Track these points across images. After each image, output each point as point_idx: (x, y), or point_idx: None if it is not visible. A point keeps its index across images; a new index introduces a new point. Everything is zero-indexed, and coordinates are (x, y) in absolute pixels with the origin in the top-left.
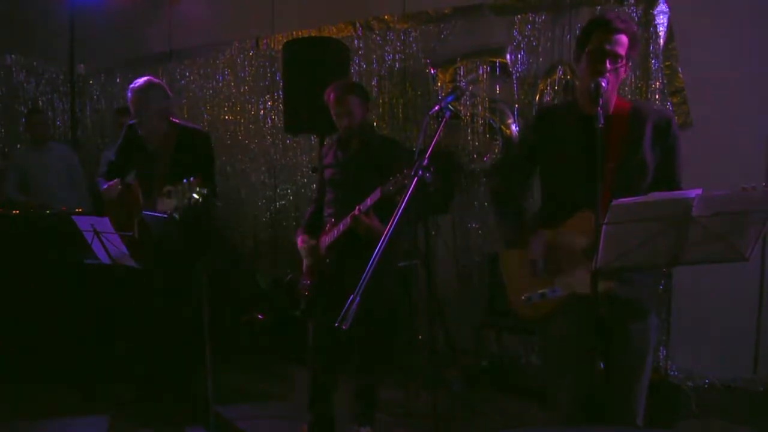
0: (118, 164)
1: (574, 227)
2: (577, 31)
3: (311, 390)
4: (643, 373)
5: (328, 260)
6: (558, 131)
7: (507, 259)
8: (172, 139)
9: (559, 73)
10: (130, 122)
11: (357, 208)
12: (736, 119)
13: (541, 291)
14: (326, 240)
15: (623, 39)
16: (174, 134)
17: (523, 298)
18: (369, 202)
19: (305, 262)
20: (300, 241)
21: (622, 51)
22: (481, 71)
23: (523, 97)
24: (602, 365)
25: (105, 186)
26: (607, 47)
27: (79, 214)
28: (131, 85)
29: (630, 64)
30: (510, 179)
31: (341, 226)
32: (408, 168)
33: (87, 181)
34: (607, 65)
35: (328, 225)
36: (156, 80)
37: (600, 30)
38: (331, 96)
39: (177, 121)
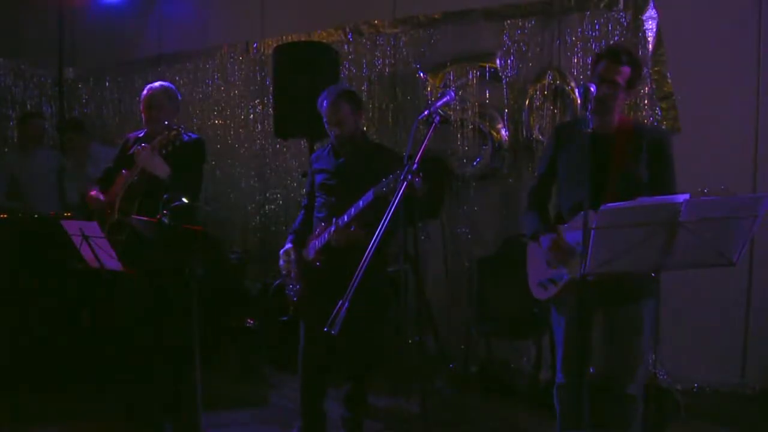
0: (111, 172)
1: (578, 224)
2: (567, 37)
3: (303, 395)
4: (634, 349)
5: (318, 264)
6: (571, 143)
7: (530, 250)
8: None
9: (549, 78)
10: (131, 134)
11: (338, 220)
12: (725, 125)
13: (550, 276)
14: (316, 244)
15: (626, 70)
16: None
17: (537, 282)
18: (360, 204)
19: (294, 268)
20: (283, 251)
21: (620, 80)
22: (470, 76)
23: (512, 102)
24: (592, 370)
25: (93, 192)
26: (610, 76)
27: (67, 218)
28: (151, 84)
29: (633, 90)
30: (540, 197)
31: (332, 230)
32: (401, 170)
33: (78, 185)
34: (605, 90)
35: (318, 229)
36: (175, 89)
37: (607, 60)
38: (324, 103)
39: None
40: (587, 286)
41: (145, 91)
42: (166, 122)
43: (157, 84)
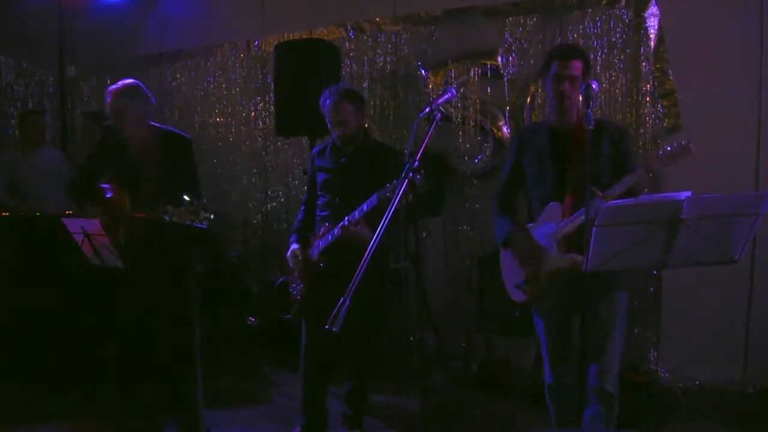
0: (92, 168)
1: (545, 218)
2: (568, 34)
3: (304, 392)
4: (609, 344)
5: (322, 264)
6: (533, 144)
7: (502, 257)
8: (155, 144)
9: None
10: (109, 123)
11: (346, 219)
12: (727, 122)
13: (525, 278)
14: (321, 244)
15: (578, 64)
16: (156, 139)
17: (515, 285)
18: (365, 207)
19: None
20: (290, 252)
21: (577, 73)
22: (472, 73)
23: (514, 99)
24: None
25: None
26: (566, 72)
27: (68, 216)
28: (110, 88)
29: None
30: (508, 201)
31: (336, 231)
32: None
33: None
34: (566, 86)
35: (322, 229)
36: (137, 84)
37: (559, 58)
38: (327, 103)
39: (157, 125)
40: (563, 280)
41: (107, 98)
42: (151, 122)
43: (113, 87)
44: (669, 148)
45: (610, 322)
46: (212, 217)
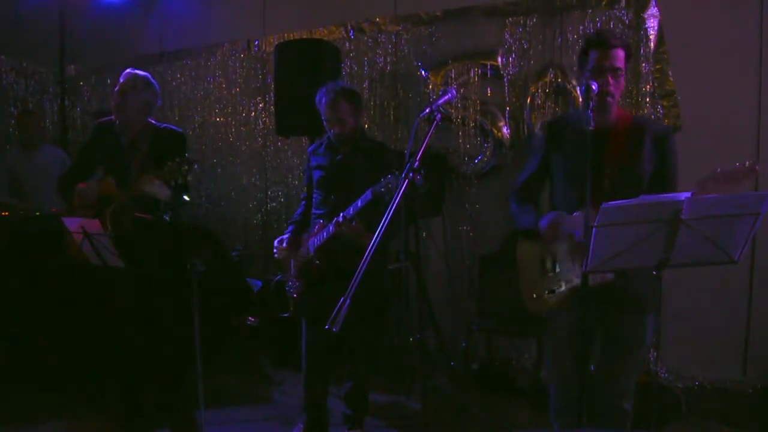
0: (84, 162)
1: (573, 227)
2: (568, 34)
3: (306, 392)
4: (633, 365)
5: (318, 261)
6: (565, 139)
7: (521, 256)
8: (148, 136)
9: (550, 75)
10: (101, 120)
11: (341, 215)
12: (727, 122)
13: (548, 289)
14: (315, 242)
15: (620, 53)
16: (149, 132)
17: (534, 296)
18: (359, 203)
19: (293, 264)
20: (277, 241)
21: (620, 64)
22: (472, 74)
23: (514, 99)
24: (592, 368)
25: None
26: (607, 64)
27: (69, 215)
28: (130, 69)
29: (626, 74)
30: (531, 197)
31: (330, 228)
32: (399, 170)
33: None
34: (610, 80)
35: (317, 226)
36: (153, 79)
37: (598, 48)
38: (323, 101)
39: (154, 122)
40: (589, 295)
41: (120, 79)
42: (150, 119)
43: (133, 69)
44: (730, 168)
45: (637, 343)
46: (196, 167)
